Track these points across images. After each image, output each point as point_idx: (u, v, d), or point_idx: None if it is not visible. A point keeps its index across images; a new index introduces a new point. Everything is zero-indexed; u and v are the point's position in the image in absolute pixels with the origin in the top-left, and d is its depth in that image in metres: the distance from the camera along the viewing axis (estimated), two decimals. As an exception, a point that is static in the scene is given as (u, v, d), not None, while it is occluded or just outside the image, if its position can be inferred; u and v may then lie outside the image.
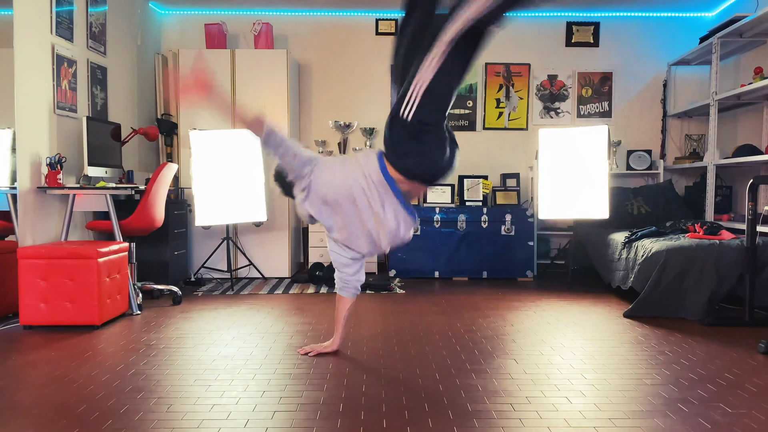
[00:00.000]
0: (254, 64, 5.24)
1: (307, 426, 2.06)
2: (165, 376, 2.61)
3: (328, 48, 5.82)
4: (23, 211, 3.67)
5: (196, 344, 3.13)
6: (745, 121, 5.14)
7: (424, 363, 2.81)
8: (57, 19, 4.00)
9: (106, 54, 4.70)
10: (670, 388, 2.46)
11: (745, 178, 5.01)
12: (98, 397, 2.34)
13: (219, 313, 3.90)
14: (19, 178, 3.65)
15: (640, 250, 3.96)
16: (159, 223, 4.14)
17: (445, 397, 2.35)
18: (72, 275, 3.42)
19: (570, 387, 2.48)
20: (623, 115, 5.83)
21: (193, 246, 5.25)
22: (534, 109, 5.84)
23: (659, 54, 5.75)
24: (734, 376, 2.61)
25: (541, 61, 5.81)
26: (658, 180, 5.54)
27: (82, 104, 4.36)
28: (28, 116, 3.74)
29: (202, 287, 4.86)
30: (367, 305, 4.17)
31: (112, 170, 4.41)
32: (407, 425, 2.07)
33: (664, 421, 2.11)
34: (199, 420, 2.12)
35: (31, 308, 3.41)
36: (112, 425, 2.06)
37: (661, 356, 2.92)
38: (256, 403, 2.29)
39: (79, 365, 2.75)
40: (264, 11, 5.73)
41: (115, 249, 3.67)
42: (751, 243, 3.51)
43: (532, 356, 2.90)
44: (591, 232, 4.98)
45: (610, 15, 5.76)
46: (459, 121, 5.82)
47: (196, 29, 5.74)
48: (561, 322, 3.64)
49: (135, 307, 3.85)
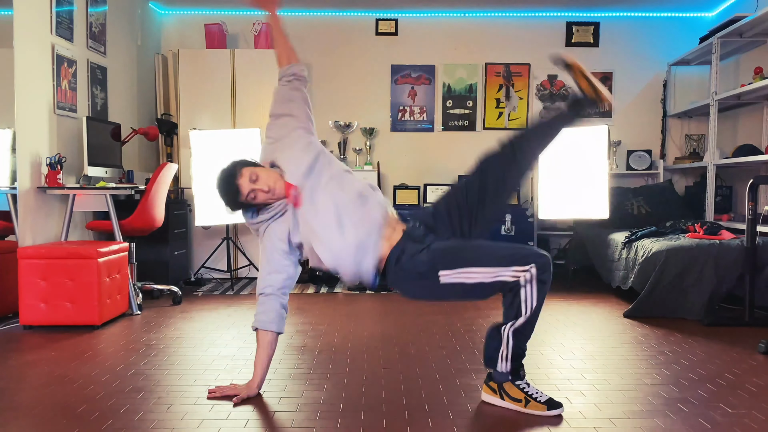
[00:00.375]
0: (254, 64, 5.24)
1: (307, 426, 2.07)
2: (165, 376, 2.61)
3: (328, 48, 5.82)
4: (23, 211, 3.67)
5: (196, 344, 3.13)
6: (745, 121, 5.13)
7: (423, 363, 2.81)
8: (57, 19, 4.00)
9: (106, 54, 4.70)
10: (670, 388, 2.46)
11: (745, 178, 5.00)
12: (98, 397, 2.34)
13: (219, 313, 3.90)
14: (19, 178, 3.65)
15: (640, 250, 3.96)
16: (159, 223, 4.14)
17: (445, 397, 2.35)
18: (72, 275, 3.42)
19: (570, 387, 2.48)
20: (623, 115, 5.83)
21: (193, 246, 5.25)
22: (534, 109, 5.84)
23: (659, 54, 5.75)
24: (734, 376, 2.61)
25: (541, 61, 5.81)
26: (659, 180, 5.54)
27: (82, 104, 4.36)
28: (29, 116, 3.74)
29: (202, 287, 4.86)
30: (367, 306, 4.17)
31: (112, 170, 4.41)
32: (407, 425, 2.07)
33: (664, 421, 2.11)
34: (199, 420, 2.12)
35: (31, 308, 3.41)
36: (112, 425, 2.06)
37: (661, 356, 2.92)
38: (256, 403, 2.29)
39: (79, 365, 2.75)
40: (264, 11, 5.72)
41: (115, 249, 3.67)
42: (751, 243, 3.51)
43: (532, 356, 2.90)
44: (591, 232, 4.98)
45: (610, 15, 5.76)
46: (459, 121, 5.82)
47: (196, 29, 5.73)
48: (561, 322, 3.64)
49: (135, 307, 3.85)
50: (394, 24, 5.80)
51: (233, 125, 5.24)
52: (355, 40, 5.82)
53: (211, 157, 4.77)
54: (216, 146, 4.78)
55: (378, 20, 5.80)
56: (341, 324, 3.59)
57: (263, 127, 2.64)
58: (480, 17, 5.79)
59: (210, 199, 4.74)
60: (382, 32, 5.81)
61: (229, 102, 5.24)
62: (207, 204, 4.74)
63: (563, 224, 5.63)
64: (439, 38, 5.81)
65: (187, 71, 5.23)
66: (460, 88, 5.82)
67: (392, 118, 5.83)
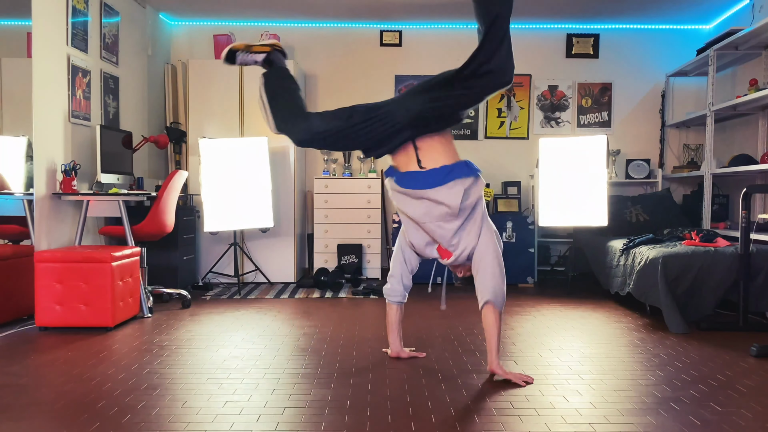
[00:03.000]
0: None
1: (316, 421, 2.17)
2: (178, 374, 2.72)
3: (334, 59, 5.96)
4: (39, 216, 3.79)
5: (206, 345, 3.24)
6: (741, 131, 5.25)
7: (426, 364, 2.91)
8: (72, 31, 4.14)
9: (119, 64, 4.84)
10: (663, 388, 2.56)
11: (741, 187, 5.11)
12: (116, 393, 2.45)
13: (227, 316, 4.02)
14: (35, 185, 3.77)
15: (637, 257, 4.06)
16: (170, 228, 4.26)
17: (448, 395, 2.46)
18: (86, 278, 3.54)
19: (567, 387, 2.58)
20: (623, 124, 5.95)
21: (201, 251, 5.37)
22: (535, 118, 5.96)
23: (658, 65, 5.88)
24: (726, 378, 2.71)
25: (542, 72, 5.94)
26: (657, 188, 5.65)
27: (95, 113, 4.49)
28: (45, 124, 3.87)
29: (210, 291, 4.97)
30: (372, 309, 4.28)
31: (124, 177, 4.54)
32: (411, 421, 2.17)
33: (656, 419, 2.21)
34: (213, 415, 2.23)
35: (47, 310, 3.53)
36: (131, 419, 2.17)
37: (656, 359, 3.02)
38: (266, 399, 2.40)
39: (95, 364, 2.86)
40: (272, 22, 5.87)
41: (128, 253, 3.79)
42: (744, 250, 3.62)
43: (531, 358, 3.00)
44: (590, 240, 5.09)
45: (609, 27, 5.89)
46: (461, 130, 5.94)
47: (204, 40, 5.88)
48: (560, 326, 3.75)
49: (146, 310, 3.96)
50: (398, 35, 5.93)
51: (241, 134, 5.36)
52: (360, 50, 5.96)
53: (220, 164, 4.89)
54: (224, 154, 4.91)
55: (382, 32, 5.94)
56: (346, 327, 3.70)
57: (270, 135, 2.79)
58: (482, 29, 5.91)
59: (218, 206, 4.87)
60: (386, 43, 5.94)
61: (237, 111, 5.37)
62: (215, 210, 4.86)
63: (563, 231, 5.74)
64: (442, 49, 5.94)
65: (196, 81, 5.37)
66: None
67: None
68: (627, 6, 5.32)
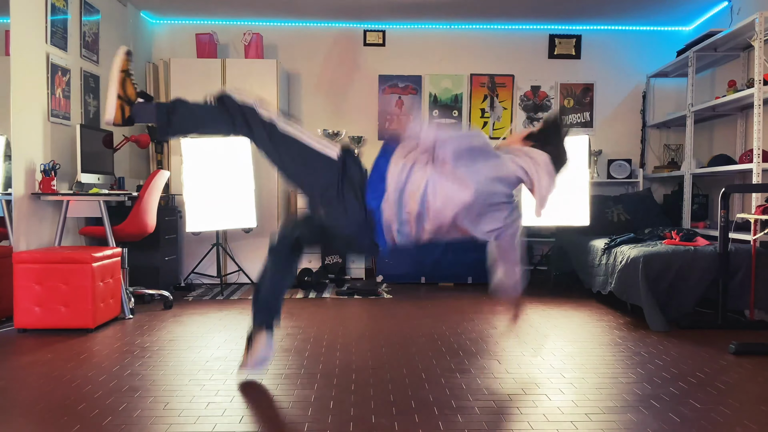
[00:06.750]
0: (245, 74, 5.34)
1: (300, 422, 2.17)
2: (160, 376, 2.70)
3: (317, 58, 5.94)
4: (18, 216, 3.74)
5: (189, 346, 3.22)
6: (720, 131, 5.32)
7: (410, 364, 2.92)
8: (52, 29, 4.08)
9: (99, 63, 4.78)
10: (643, 385, 2.59)
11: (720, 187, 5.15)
12: (96, 396, 2.42)
13: (210, 317, 3.99)
14: (14, 185, 3.72)
15: (618, 256, 4.10)
16: (151, 229, 4.22)
17: (431, 394, 2.47)
18: (66, 279, 3.49)
19: (549, 385, 2.60)
20: (604, 125, 6.01)
21: (184, 252, 5.32)
22: (518, 118, 5.99)
23: (639, 66, 5.94)
24: (704, 375, 2.75)
25: (525, 73, 5.98)
26: (638, 188, 5.71)
27: (75, 112, 4.44)
28: (24, 123, 3.81)
29: (193, 292, 4.94)
30: (355, 309, 4.28)
31: (105, 177, 4.49)
32: (394, 420, 2.18)
33: (637, 416, 2.23)
34: (195, 417, 2.21)
35: (25, 312, 3.48)
36: (111, 422, 2.15)
37: (637, 357, 3.05)
38: (249, 401, 2.39)
39: (76, 366, 2.83)
40: (254, 21, 5.84)
41: (109, 254, 3.75)
42: (723, 249, 3.67)
43: (514, 357, 3.02)
44: (572, 239, 5.13)
45: (591, 28, 5.94)
46: (445, 130, 5.95)
47: (186, 39, 5.83)
48: (543, 325, 3.77)
49: (127, 311, 3.92)
50: (381, 35, 5.93)
51: (224, 133, 5.32)
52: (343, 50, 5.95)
53: (202, 164, 4.86)
54: (207, 154, 4.87)
55: (366, 31, 5.93)
56: (330, 327, 3.69)
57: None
58: (465, 29, 5.94)
59: (200, 206, 4.83)
60: (370, 43, 5.94)
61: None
62: (197, 210, 4.83)
63: (546, 231, 5.77)
64: (425, 49, 5.95)
65: (178, 80, 5.32)
66: (445, 98, 5.97)
67: (379, 127, 5.96)
68: (609, 7, 5.37)
